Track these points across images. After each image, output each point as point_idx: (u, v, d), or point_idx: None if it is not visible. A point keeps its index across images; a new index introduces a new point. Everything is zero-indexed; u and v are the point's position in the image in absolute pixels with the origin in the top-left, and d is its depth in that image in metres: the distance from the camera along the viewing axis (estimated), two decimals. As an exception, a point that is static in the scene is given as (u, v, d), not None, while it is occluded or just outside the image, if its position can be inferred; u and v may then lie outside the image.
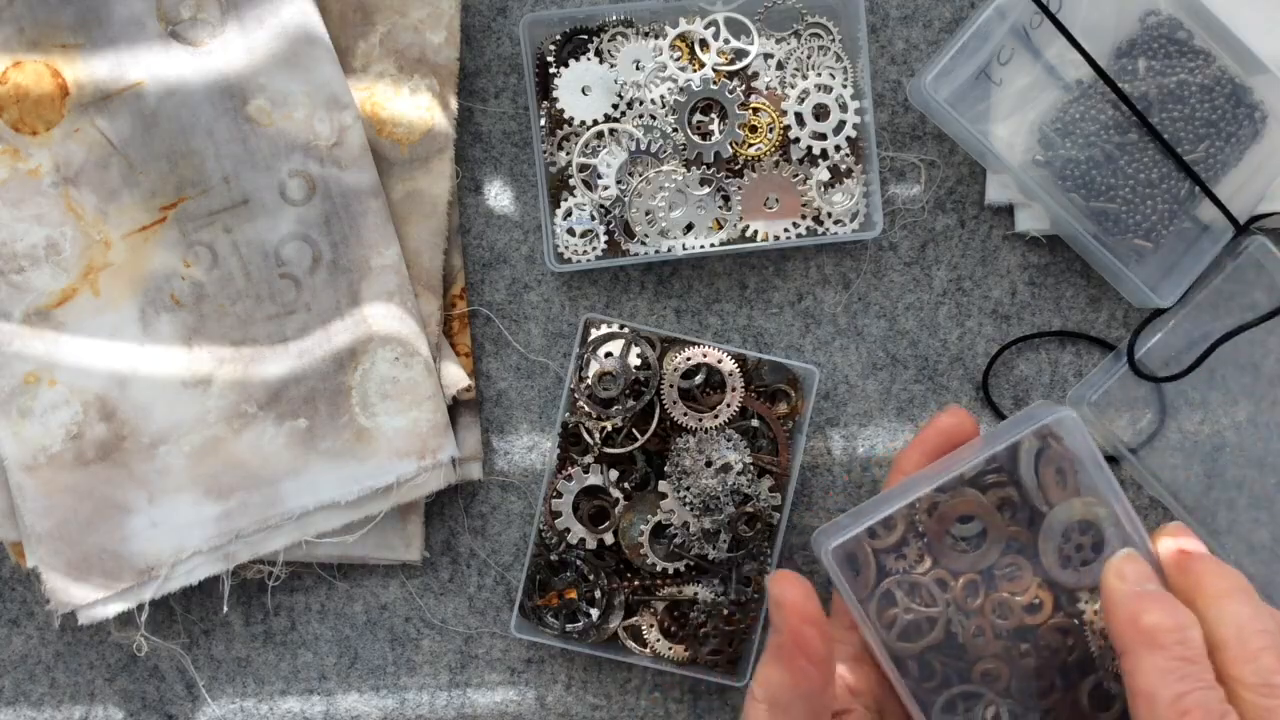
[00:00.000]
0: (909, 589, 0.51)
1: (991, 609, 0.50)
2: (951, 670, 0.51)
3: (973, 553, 0.51)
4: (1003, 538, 0.51)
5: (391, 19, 0.64)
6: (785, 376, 0.64)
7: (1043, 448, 0.51)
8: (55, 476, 0.61)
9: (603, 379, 0.61)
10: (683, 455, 0.61)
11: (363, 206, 0.63)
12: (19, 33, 0.61)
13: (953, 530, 0.51)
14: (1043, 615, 0.50)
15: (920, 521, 0.51)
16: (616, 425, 0.61)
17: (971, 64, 0.63)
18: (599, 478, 0.62)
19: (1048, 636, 0.50)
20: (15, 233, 0.61)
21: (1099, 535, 0.50)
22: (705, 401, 0.62)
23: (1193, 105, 0.62)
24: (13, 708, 0.67)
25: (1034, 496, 0.51)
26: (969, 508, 0.51)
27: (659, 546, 0.62)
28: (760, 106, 0.64)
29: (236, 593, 0.66)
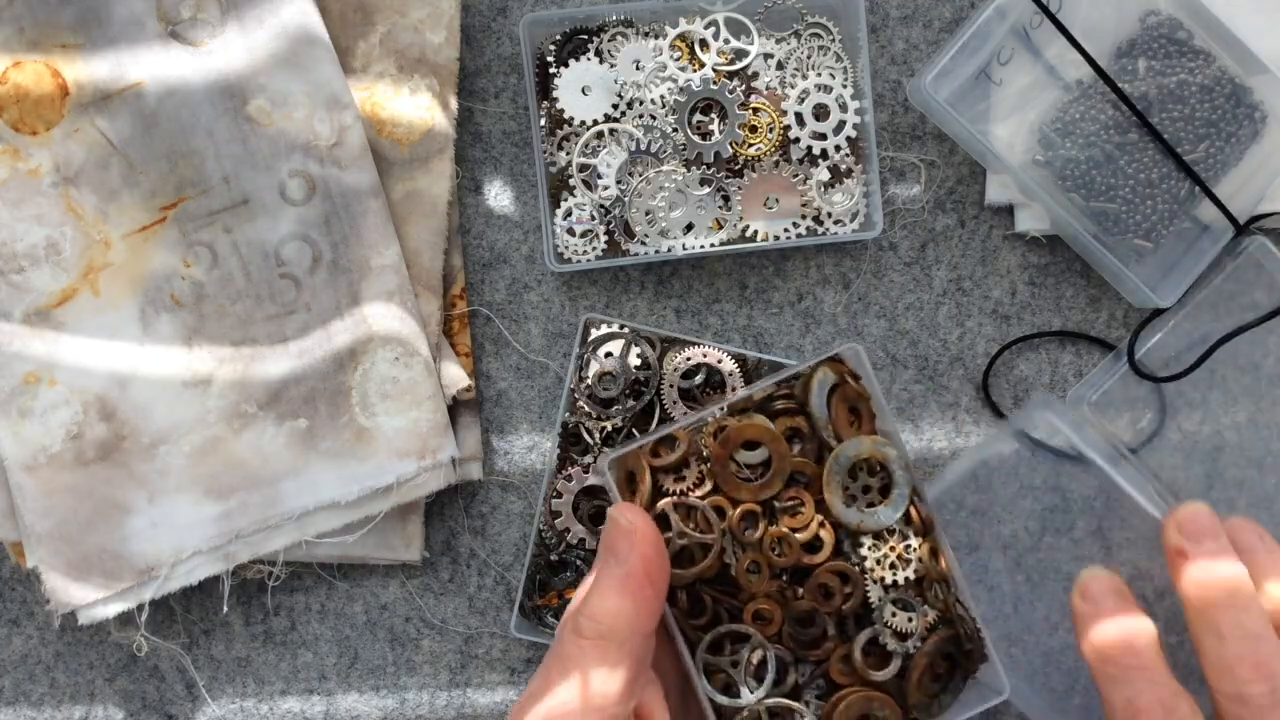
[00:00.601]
0: (685, 512, 0.48)
1: (769, 544, 0.48)
2: (722, 607, 0.48)
3: (755, 482, 0.48)
4: (787, 469, 0.48)
5: (391, 19, 0.64)
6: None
7: (838, 382, 0.49)
8: (55, 476, 0.61)
9: (603, 379, 0.61)
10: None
11: (363, 206, 0.63)
12: (19, 33, 0.61)
13: (736, 456, 0.48)
14: (822, 555, 0.48)
15: (705, 444, 0.49)
16: (616, 425, 0.61)
17: (971, 64, 0.63)
18: (599, 478, 0.62)
19: (825, 579, 0.48)
20: (15, 233, 0.61)
21: (888, 479, 0.48)
22: (705, 401, 0.62)
23: (1193, 105, 0.62)
24: (13, 708, 0.67)
25: (823, 429, 0.48)
26: (756, 433, 0.48)
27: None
28: (760, 106, 0.64)
29: (236, 593, 0.66)
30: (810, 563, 0.48)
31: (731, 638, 0.48)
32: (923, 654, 0.48)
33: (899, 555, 0.49)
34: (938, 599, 0.48)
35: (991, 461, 0.64)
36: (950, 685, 0.49)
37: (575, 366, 0.62)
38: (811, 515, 0.48)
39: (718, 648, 0.49)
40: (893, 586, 0.48)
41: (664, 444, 0.49)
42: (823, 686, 0.49)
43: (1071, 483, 0.63)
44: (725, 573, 0.48)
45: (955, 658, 0.49)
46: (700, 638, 0.48)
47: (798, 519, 0.48)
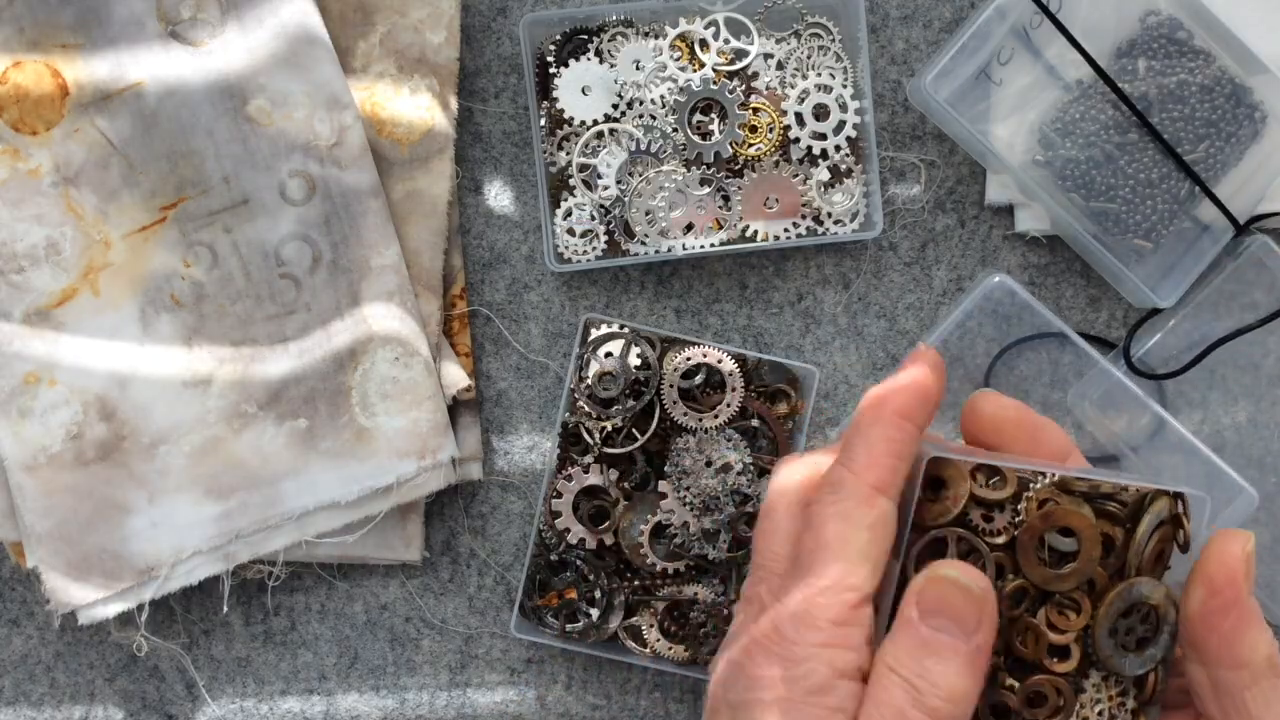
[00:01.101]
0: (965, 552, 0.45)
1: (1022, 625, 0.46)
2: None
3: (1046, 569, 0.45)
4: (1087, 574, 0.45)
5: (391, 19, 0.64)
6: (785, 376, 0.64)
7: (1170, 518, 0.46)
8: (55, 476, 0.61)
9: (603, 379, 0.61)
10: (683, 455, 0.61)
11: (363, 206, 0.62)
12: (19, 33, 0.61)
13: (1047, 535, 0.46)
14: (1064, 666, 0.46)
15: (1027, 509, 0.45)
16: (616, 425, 0.62)
17: (971, 64, 0.63)
18: (599, 478, 0.62)
19: (1045, 687, 0.46)
20: (15, 233, 0.61)
21: (1152, 634, 0.46)
22: (705, 401, 0.62)
23: (1193, 105, 0.62)
24: (13, 708, 0.67)
25: (1136, 556, 0.46)
26: (1080, 526, 0.45)
27: (659, 546, 0.62)
28: (760, 106, 0.64)
29: (236, 593, 0.66)
30: (1047, 665, 0.46)
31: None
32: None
33: (1112, 708, 0.47)
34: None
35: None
36: None
37: (575, 366, 0.62)
38: (1079, 625, 0.46)
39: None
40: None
41: (988, 474, 0.46)
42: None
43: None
44: None
45: None
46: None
47: (1066, 621, 0.46)
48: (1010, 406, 0.47)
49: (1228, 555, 0.44)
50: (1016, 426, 0.47)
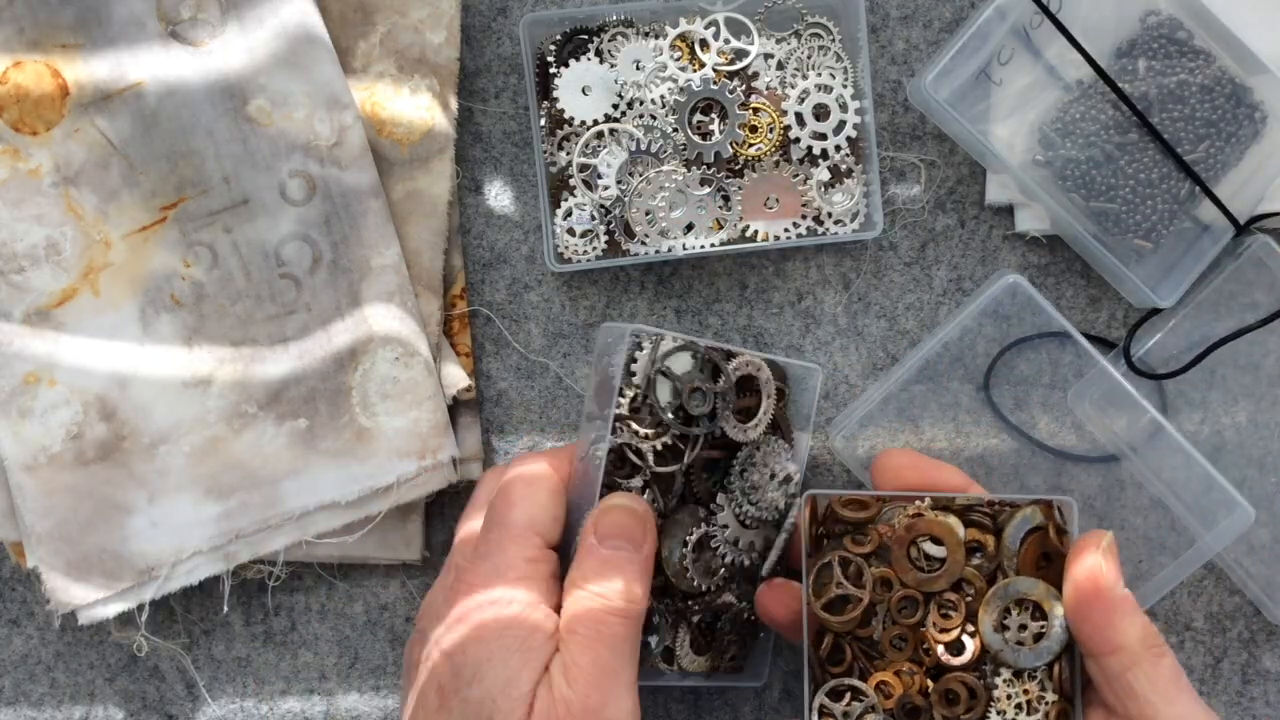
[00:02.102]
0: (848, 568, 0.53)
1: (920, 636, 0.52)
2: (857, 663, 0.53)
3: (925, 573, 0.52)
4: (956, 574, 0.52)
5: (391, 19, 0.64)
6: (783, 376, 0.61)
7: (1040, 526, 0.52)
8: (55, 476, 0.61)
9: (693, 395, 0.55)
10: (750, 469, 0.58)
11: (363, 206, 0.63)
12: (19, 33, 0.61)
13: (920, 543, 0.53)
14: (960, 660, 0.52)
15: (897, 522, 0.53)
16: (666, 444, 0.56)
17: (971, 64, 0.63)
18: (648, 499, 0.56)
19: (954, 685, 0.52)
20: (15, 233, 0.61)
21: (1045, 631, 0.51)
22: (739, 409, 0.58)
23: (1193, 105, 0.62)
24: (13, 708, 0.67)
25: (1007, 558, 0.52)
26: (943, 533, 0.52)
27: (700, 564, 0.57)
28: (760, 106, 0.64)
29: (236, 593, 0.66)
30: (948, 662, 0.52)
31: (853, 693, 0.52)
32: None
33: (1030, 700, 0.51)
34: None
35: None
36: None
37: (627, 383, 0.55)
38: (959, 623, 0.52)
39: (837, 695, 0.53)
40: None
41: (853, 503, 0.54)
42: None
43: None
44: (868, 637, 0.53)
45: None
46: (827, 679, 0.53)
47: (949, 620, 0.52)
48: (904, 456, 0.57)
49: (1085, 554, 0.50)
50: (913, 471, 0.55)
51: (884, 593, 0.52)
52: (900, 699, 0.52)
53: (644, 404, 0.55)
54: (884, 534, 0.53)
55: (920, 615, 0.52)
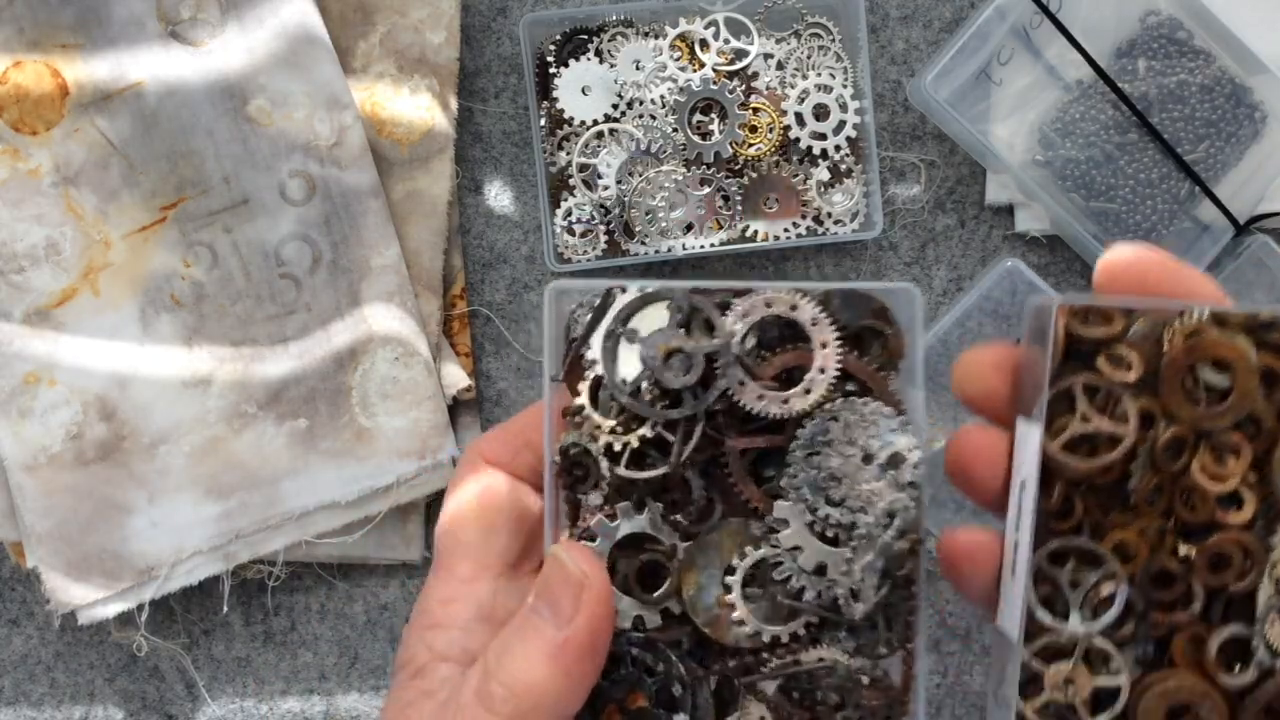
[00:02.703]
0: (1103, 400, 0.40)
1: (1185, 486, 0.41)
2: (1088, 520, 0.41)
3: (1203, 408, 0.40)
4: (1245, 409, 0.40)
5: (391, 19, 0.64)
6: (867, 309, 0.41)
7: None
8: (55, 476, 0.61)
9: (670, 360, 0.39)
10: (824, 452, 0.39)
11: (363, 206, 0.63)
12: (19, 33, 0.61)
13: (1198, 370, 0.40)
14: (1238, 517, 0.40)
15: (1170, 338, 0.40)
16: (645, 436, 0.39)
17: (971, 64, 0.63)
18: (641, 520, 0.40)
19: (1227, 547, 0.40)
20: (15, 233, 0.61)
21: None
22: (762, 372, 0.40)
23: (1193, 105, 0.62)
24: (13, 708, 0.67)
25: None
26: (1232, 356, 0.40)
27: (756, 604, 0.40)
28: (760, 106, 0.64)
29: (236, 593, 0.66)
30: (1222, 519, 0.40)
31: (1080, 557, 0.40)
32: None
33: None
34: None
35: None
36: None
37: (608, 358, 0.40)
38: (1240, 470, 0.40)
39: (1059, 559, 0.40)
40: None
41: (1091, 314, 0.39)
42: (1150, 654, 0.41)
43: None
44: (1114, 486, 0.41)
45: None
46: (1046, 541, 0.40)
47: (1225, 468, 0.40)
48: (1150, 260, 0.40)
49: None
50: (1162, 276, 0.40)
51: (1144, 432, 0.40)
52: (1147, 565, 0.40)
53: (617, 384, 0.40)
54: (1144, 353, 0.40)
55: (1186, 461, 0.40)
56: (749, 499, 0.40)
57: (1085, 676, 0.40)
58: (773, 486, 0.40)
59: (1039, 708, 0.40)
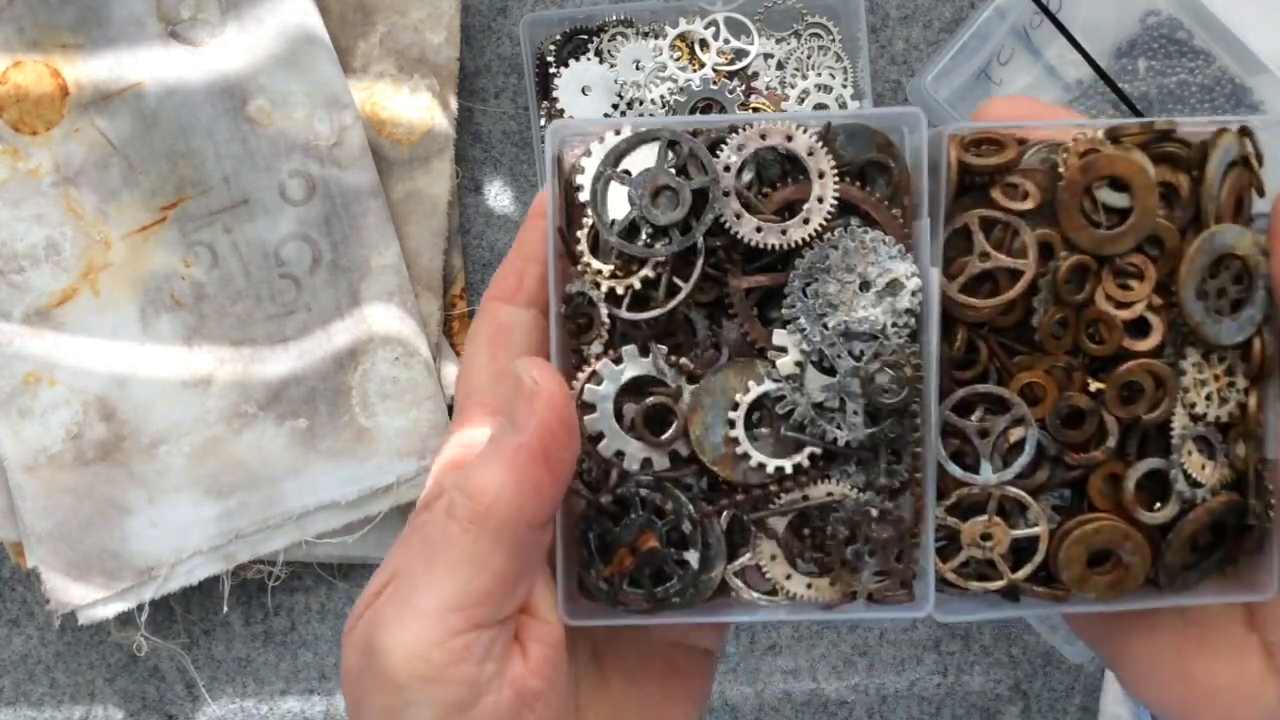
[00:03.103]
0: (995, 230, 0.38)
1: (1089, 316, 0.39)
2: (994, 364, 0.39)
3: (1103, 231, 0.38)
4: (1148, 227, 0.38)
5: (391, 19, 0.64)
6: (870, 144, 0.40)
7: (1240, 158, 0.39)
8: (55, 476, 0.61)
9: (658, 197, 0.38)
10: (822, 279, 0.38)
11: (363, 206, 0.63)
12: (19, 33, 0.61)
13: (1095, 191, 0.38)
14: (1146, 344, 0.39)
15: (1064, 160, 0.38)
16: (647, 277, 0.39)
17: (971, 64, 0.63)
18: (646, 362, 0.39)
19: (1138, 375, 0.39)
20: (15, 233, 0.61)
21: (1247, 294, 0.39)
22: (765, 206, 0.39)
23: (1193, 105, 0.62)
24: (13, 708, 0.67)
25: (1208, 201, 0.38)
26: (1130, 172, 0.38)
27: (761, 440, 0.39)
28: (760, 106, 0.64)
29: (236, 593, 0.66)
30: (1131, 348, 0.38)
31: (988, 404, 0.39)
32: (1204, 510, 0.39)
33: (1220, 389, 0.39)
34: (1239, 458, 0.39)
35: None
36: (1203, 563, 0.40)
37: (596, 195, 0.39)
38: (1146, 294, 0.38)
39: (966, 409, 0.39)
40: (1200, 420, 0.39)
41: (982, 143, 0.38)
42: (1068, 499, 0.40)
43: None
44: (1019, 326, 0.39)
45: (1226, 533, 0.40)
46: (954, 390, 0.39)
47: (1129, 292, 0.38)
48: (1022, 104, 0.40)
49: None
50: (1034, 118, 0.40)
51: (1043, 263, 0.38)
52: (1057, 404, 0.39)
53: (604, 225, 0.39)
54: (1040, 181, 0.38)
55: (1089, 290, 0.38)
56: (753, 338, 0.39)
57: (1002, 529, 0.39)
58: (777, 324, 0.39)
59: (958, 567, 0.39)
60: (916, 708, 0.68)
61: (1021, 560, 0.39)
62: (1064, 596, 0.39)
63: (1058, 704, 0.69)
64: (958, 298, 0.38)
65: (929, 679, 0.68)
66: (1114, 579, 0.39)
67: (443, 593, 0.34)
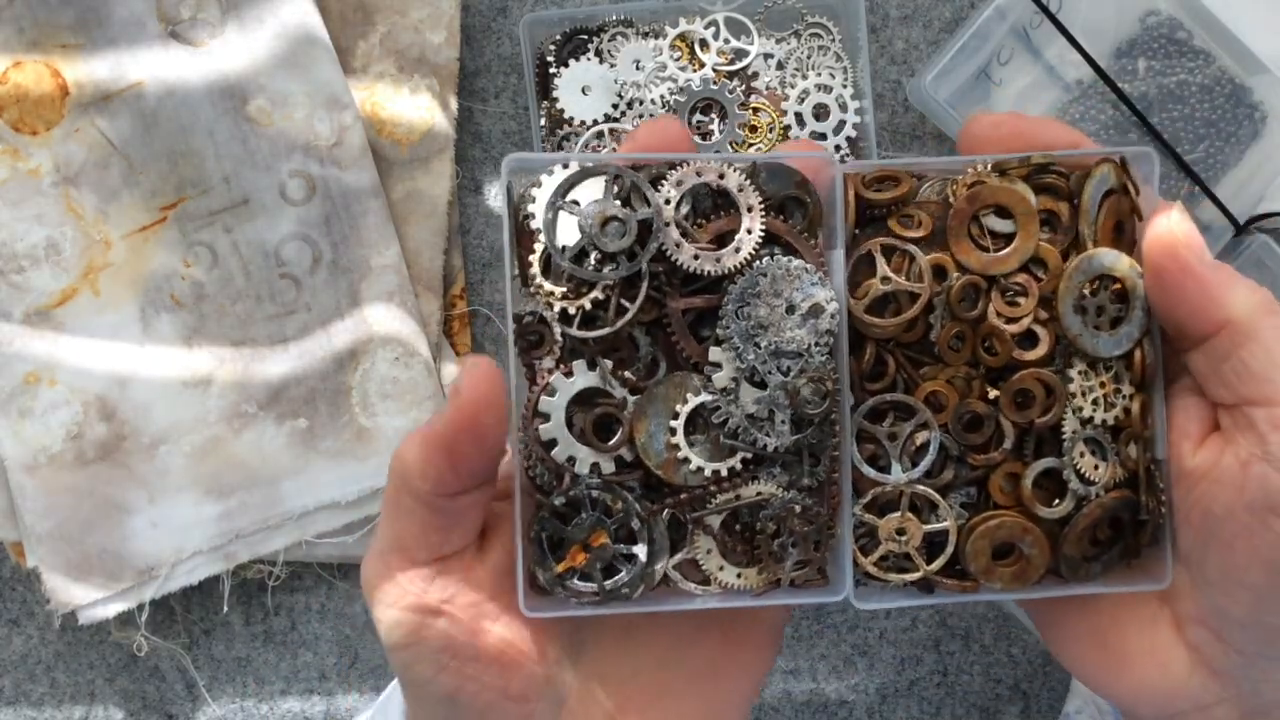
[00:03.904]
0: (895, 258, 0.43)
1: (984, 331, 0.43)
2: (901, 375, 0.44)
3: (990, 253, 0.43)
4: (1030, 249, 0.43)
5: (391, 19, 0.64)
6: (790, 182, 0.45)
7: (1114, 189, 0.43)
8: (55, 476, 0.61)
9: (606, 227, 0.42)
10: (752, 304, 0.43)
11: (363, 206, 0.63)
12: (19, 33, 0.61)
13: (982, 218, 0.43)
14: (1034, 354, 0.43)
15: (953, 192, 0.43)
16: (596, 299, 0.43)
17: (971, 64, 0.63)
18: (594, 376, 0.43)
19: (1029, 384, 0.43)
20: (15, 233, 0.61)
21: (1124, 312, 0.43)
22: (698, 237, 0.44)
23: (1193, 105, 0.62)
24: (13, 708, 0.67)
25: (1086, 226, 0.43)
26: (1013, 201, 0.42)
27: (697, 446, 0.44)
28: (760, 106, 0.64)
29: (236, 593, 0.66)
30: (1021, 358, 0.43)
31: (897, 411, 0.43)
32: (1097, 505, 0.43)
33: (1106, 395, 0.43)
34: (1130, 458, 0.43)
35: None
36: (1103, 555, 0.44)
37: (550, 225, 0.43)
38: (1031, 309, 0.43)
39: (878, 416, 0.43)
40: (1089, 423, 0.43)
41: (882, 180, 0.43)
42: (972, 496, 0.44)
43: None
44: (921, 341, 0.44)
45: (1124, 527, 0.44)
46: (865, 399, 0.43)
47: (1016, 309, 0.43)
48: (1005, 123, 0.44)
49: (1160, 230, 0.42)
50: (1014, 136, 0.44)
51: (938, 284, 0.43)
52: (958, 409, 0.43)
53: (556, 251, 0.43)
54: (936, 212, 0.43)
55: (981, 307, 0.43)
56: (689, 354, 0.43)
57: (915, 525, 0.43)
58: (710, 342, 0.44)
59: (877, 560, 0.43)
60: (916, 708, 0.68)
61: (935, 554, 0.43)
62: (973, 588, 0.43)
63: (1058, 704, 0.69)
64: (864, 317, 0.43)
65: (929, 679, 0.68)
66: (1017, 570, 0.43)
67: (383, 537, 0.41)
